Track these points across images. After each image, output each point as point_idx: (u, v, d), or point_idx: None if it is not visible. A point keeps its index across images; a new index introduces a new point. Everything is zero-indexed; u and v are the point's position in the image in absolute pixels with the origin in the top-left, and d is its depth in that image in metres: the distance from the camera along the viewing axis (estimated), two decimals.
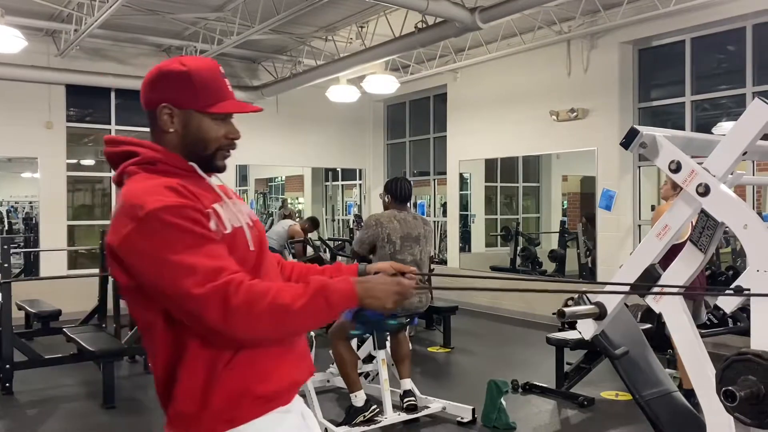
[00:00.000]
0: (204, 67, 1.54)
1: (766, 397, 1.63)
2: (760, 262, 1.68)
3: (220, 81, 1.54)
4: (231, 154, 1.59)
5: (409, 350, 4.57)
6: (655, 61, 7.79)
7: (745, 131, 1.81)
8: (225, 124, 1.55)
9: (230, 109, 1.54)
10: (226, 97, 1.53)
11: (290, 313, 1.37)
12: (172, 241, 1.34)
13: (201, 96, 1.50)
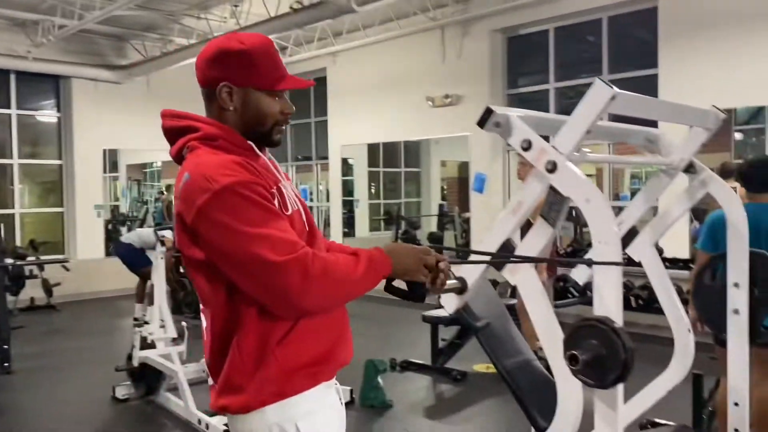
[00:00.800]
0: (261, 43, 1.57)
1: (606, 359, 1.73)
2: (600, 234, 1.79)
3: (276, 58, 1.59)
4: (285, 129, 1.64)
5: None
6: (522, 49, 8.15)
7: (588, 111, 1.91)
8: (280, 100, 1.59)
9: (290, 86, 1.58)
10: (284, 74, 1.58)
11: (355, 282, 1.47)
12: (248, 213, 1.39)
13: (261, 74, 1.55)
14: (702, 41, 6.24)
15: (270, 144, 1.62)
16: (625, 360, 1.70)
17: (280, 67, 1.58)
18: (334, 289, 1.45)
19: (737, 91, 6.05)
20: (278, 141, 1.63)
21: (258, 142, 1.58)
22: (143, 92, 9.73)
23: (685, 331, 2.67)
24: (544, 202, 2.00)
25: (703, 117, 2.50)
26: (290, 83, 1.59)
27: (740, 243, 2.58)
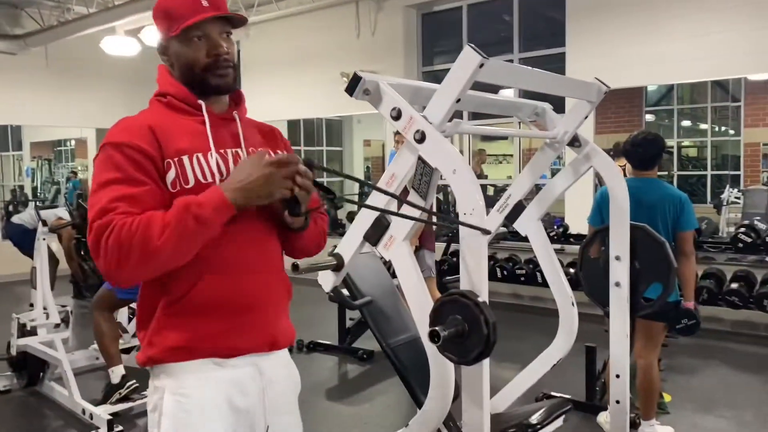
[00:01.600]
0: None
1: (470, 334, 1.68)
2: (465, 205, 1.73)
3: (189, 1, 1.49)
4: (226, 71, 1.54)
5: None
6: (436, 26, 8.11)
7: (456, 79, 1.85)
8: (203, 42, 1.51)
9: (190, 22, 1.47)
10: (191, 14, 1.48)
11: (156, 247, 1.32)
12: (102, 171, 1.40)
13: (171, 21, 1.50)
14: (609, 20, 6.35)
15: (214, 91, 1.54)
16: (487, 335, 1.65)
17: (196, 6, 1.49)
18: (131, 259, 1.32)
19: (644, 69, 6.20)
20: (219, 83, 1.54)
21: (203, 93, 1.53)
22: (41, 64, 9.13)
23: (569, 304, 2.69)
24: (414, 173, 1.93)
25: (586, 89, 2.49)
26: (192, 19, 1.48)
27: (621, 217, 2.61)
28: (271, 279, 1.60)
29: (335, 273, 2.14)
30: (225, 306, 1.49)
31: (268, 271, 1.59)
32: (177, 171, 1.44)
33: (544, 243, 2.74)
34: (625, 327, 2.65)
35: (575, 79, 2.44)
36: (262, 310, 1.57)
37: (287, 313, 1.70)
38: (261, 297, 1.56)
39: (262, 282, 1.56)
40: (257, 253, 1.56)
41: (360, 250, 2.15)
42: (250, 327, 1.53)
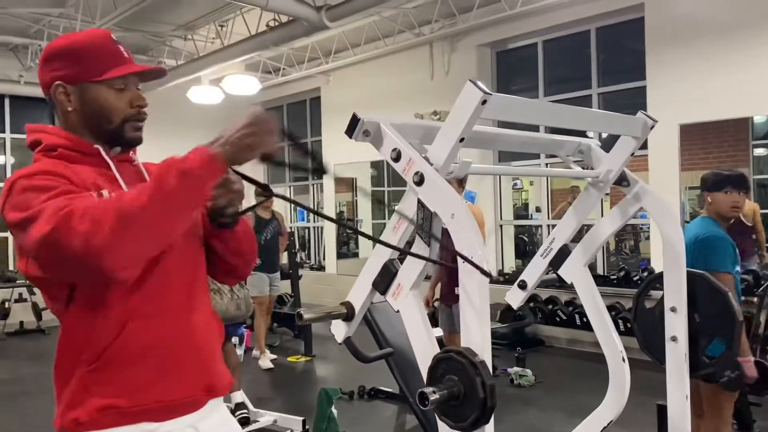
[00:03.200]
0: (92, 35, 1.49)
1: (466, 398, 1.52)
2: (464, 252, 1.58)
3: (111, 47, 1.47)
4: (142, 125, 1.50)
5: (237, 362, 4.34)
6: (511, 63, 7.96)
7: (459, 117, 1.72)
8: (127, 92, 1.47)
9: (123, 72, 1.44)
10: (121, 62, 1.45)
11: (139, 209, 1.19)
12: (27, 200, 1.26)
13: (92, 65, 1.43)
14: (694, 48, 5.97)
15: (127, 143, 1.50)
16: (484, 399, 1.49)
17: (116, 55, 1.46)
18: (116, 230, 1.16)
19: (742, 99, 5.74)
20: (134, 138, 1.50)
21: (112, 142, 1.48)
22: None
23: (619, 360, 2.43)
24: (416, 218, 1.81)
25: (628, 124, 2.28)
26: (126, 70, 1.44)
27: (676, 263, 2.34)
28: (200, 319, 1.51)
29: (347, 323, 2.04)
30: (152, 354, 1.40)
31: (195, 311, 1.50)
32: None
33: (592, 292, 2.50)
34: (683, 387, 2.35)
35: (613, 114, 2.23)
36: (194, 353, 1.47)
37: (221, 355, 1.61)
38: (191, 340, 1.47)
39: (190, 323, 1.47)
40: (183, 292, 1.47)
41: (371, 299, 2.04)
42: (182, 373, 1.43)
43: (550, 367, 5.93)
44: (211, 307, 1.60)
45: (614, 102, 6.89)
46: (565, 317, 6.21)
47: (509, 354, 5.87)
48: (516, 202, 12.24)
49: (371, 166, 10.46)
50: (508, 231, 8.07)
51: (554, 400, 5.04)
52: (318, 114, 10.19)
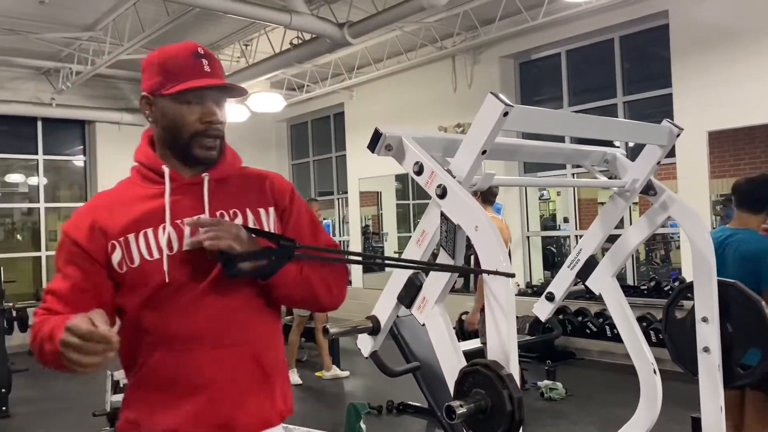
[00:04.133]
0: (179, 47, 1.48)
1: (494, 411, 1.51)
2: (488, 265, 1.58)
3: (189, 60, 1.45)
4: (214, 142, 1.48)
5: None
6: (535, 74, 7.94)
7: (481, 129, 1.72)
8: (198, 107, 1.44)
9: (191, 85, 1.42)
10: (191, 77, 1.43)
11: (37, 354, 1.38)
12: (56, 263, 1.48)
13: (169, 77, 1.44)
14: (721, 54, 5.89)
15: (194, 160, 1.49)
16: (511, 413, 1.47)
17: (190, 69, 1.44)
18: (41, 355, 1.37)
19: (757, 106, 5.66)
20: (202, 156, 1.48)
21: (185, 160, 1.49)
22: None
23: (650, 372, 2.38)
24: (440, 231, 1.80)
25: (652, 132, 2.26)
26: (194, 83, 1.43)
27: (706, 272, 2.30)
28: (230, 353, 1.47)
29: (373, 337, 2.04)
30: (173, 385, 1.43)
31: (227, 345, 1.47)
32: (123, 251, 1.42)
33: (620, 303, 2.47)
34: (717, 399, 2.30)
35: (637, 123, 2.21)
36: (215, 389, 1.45)
37: (262, 392, 1.53)
38: (213, 375, 1.45)
39: (216, 357, 1.45)
40: (214, 324, 1.46)
41: (396, 313, 2.04)
42: (198, 409, 1.43)
43: (581, 380, 5.84)
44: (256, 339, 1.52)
45: (640, 110, 6.82)
46: (596, 329, 6.12)
47: (539, 367, 5.80)
48: (543, 213, 12.15)
49: (396, 179, 10.48)
50: (535, 242, 8.01)
51: (585, 413, 4.97)
52: (342, 129, 10.27)
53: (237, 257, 1.38)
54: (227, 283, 1.44)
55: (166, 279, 1.42)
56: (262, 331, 1.54)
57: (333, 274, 1.63)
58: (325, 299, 1.62)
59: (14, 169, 9.95)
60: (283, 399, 1.59)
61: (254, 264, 1.41)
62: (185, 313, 1.43)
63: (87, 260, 1.42)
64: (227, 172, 1.55)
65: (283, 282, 1.50)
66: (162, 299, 1.44)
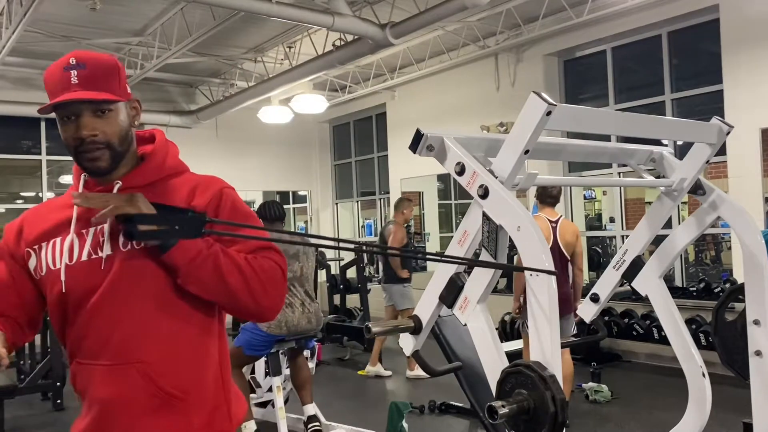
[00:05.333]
0: (55, 63, 1.41)
1: (536, 412, 1.51)
2: (531, 265, 1.57)
3: (58, 75, 1.38)
4: (94, 154, 1.40)
5: (309, 375, 4.40)
6: (579, 72, 7.81)
7: (523, 128, 1.71)
8: (72, 123, 1.39)
9: (41, 108, 1.41)
10: (58, 92, 1.37)
11: None
12: None
13: (49, 96, 1.40)
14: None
15: (87, 171, 1.45)
16: (554, 414, 1.47)
17: (64, 84, 1.37)
18: None
19: None
20: (90, 168, 1.42)
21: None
22: (211, 135, 10.10)
23: (699, 375, 2.34)
24: (481, 231, 1.80)
25: (701, 131, 2.21)
26: (49, 103, 1.38)
27: (758, 273, 2.24)
28: (122, 372, 1.38)
29: (415, 336, 2.05)
30: (83, 395, 1.47)
31: (118, 363, 1.39)
32: (36, 259, 1.46)
33: (668, 304, 2.42)
34: None
35: (685, 121, 2.17)
36: (108, 408, 1.41)
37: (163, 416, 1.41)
38: (106, 393, 1.40)
39: (109, 375, 1.39)
40: (106, 340, 1.39)
41: (438, 312, 2.04)
42: (95, 425, 1.43)
43: (627, 383, 5.73)
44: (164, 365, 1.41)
45: (689, 107, 6.65)
46: (642, 331, 5.99)
47: (584, 369, 5.71)
48: (588, 213, 11.94)
49: (438, 179, 10.45)
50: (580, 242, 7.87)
51: (631, 416, 4.87)
52: (384, 129, 10.30)
53: (137, 218, 1.30)
54: (125, 297, 1.38)
55: (63, 289, 1.41)
56: (167, 349, 1.41)
57: (262, 279, 1.41)
58: (248, 304, 1.41)
59: (67, 170, 10.30)
60: (207, 423, 1.46)
61: (157, 227, 1.31)
62: (82, 327, 1.41)
63: (11, 260, 1.48)
64: (149, 179, 1.47)
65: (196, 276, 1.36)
66: (64, 311, 1.44)
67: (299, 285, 4.06)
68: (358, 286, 7.73)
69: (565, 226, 4.68)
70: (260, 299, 1.41)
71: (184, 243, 1.34)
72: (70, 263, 1.41)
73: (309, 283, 4.16)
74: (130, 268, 1.39)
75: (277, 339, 3.97)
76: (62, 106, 1.37)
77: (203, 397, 1.46)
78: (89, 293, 1.39)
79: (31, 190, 9.83)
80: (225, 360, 1.54)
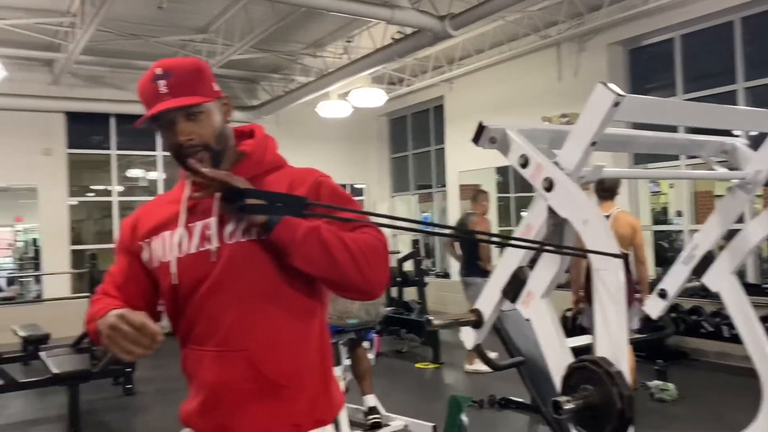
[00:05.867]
0: (144, 76, 1.47)
1: (602, 408, 1.48)
2: (600, 260, 1.54)
3: (148, 87, 1.44)
4: (198, 156, 1.45)
5: (369, 365, 4.44)
6: (645, 60, 7.57)
7: (590, 121, 1.67)
8: (169, 131, 1.45)
9: (138, 123, 1.47)
10: (151, 104, 1.43)
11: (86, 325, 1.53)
12: None
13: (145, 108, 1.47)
14: None
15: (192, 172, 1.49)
16: (621, 410, 1.44)
17: (154, 95, 1.43)
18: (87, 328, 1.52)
19: None
20: (190, 168, 1.46)
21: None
22: (273, 129, 10.22)
23: None
24: (546, 224, 1.78)
25: None
26: (146, 116, 1.44)
27: None
28: (229, 358, 1.45)
29: (476, 330, 2.04)
30: (192, 379, 1.53)
31: (225, 350, 1.46)
32: (148, 252, 1.53)
33: (741, 301, 2.33)
34: None
35: (760, 110, 2.07)
36: (213, 392, 1.48)
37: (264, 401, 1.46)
38: (213, 378, 1.47)
39: (216, 361, 1.46)
40: (213, 328, 1.46)
41: (500, 307, 2.03)
42: (201, 407, 1.49)
43: (695, 382, 5.55)
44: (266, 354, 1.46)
45: (764, 96, 6.35)
46: (712, 329, 5.78)
47: (649, 367, 5.56)
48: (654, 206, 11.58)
49: (497, 172, 10.34)
50: (646, 237, 7.66)
51: (699, 416, 4.72)
52: (441, 122, 10.25)
53: (247, 192, 1.34)
54: (231, 288, 1.44)
55: (174, 280, 1.48)
56: (270, 338, 1.46)
57: (365, 252, 1.42)
58: (356, 279, 1.41)
59: (135, 164, 10.69)
60: (308, 409, 1.51)
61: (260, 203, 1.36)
62: (192, 316, 1.49)
63: (128, 254, 1.57)
64: (249, 174, 1.49)
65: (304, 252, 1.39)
66: (175, 300, 1.51)
67: None
68: (416, 279, 7.74)
69: (619, 219, 4.56)
70: (367, 273, 1.42)
71: (288, 219, 1.38)
72: (180, 255, 1.48)
73: None
74: (235, 260, 1.44)
75: (337, 330, 4.02)
76: (156, 118, 1.43)
77: (304, 385, 1.50)
78: (198, 284, 1.46)
79: (101, 183, 10.24)
80: (326, 348, 1.59)
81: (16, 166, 8.74)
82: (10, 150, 8.65)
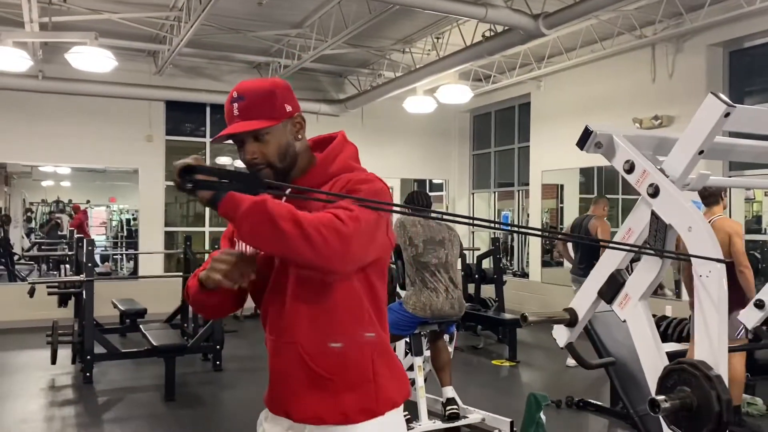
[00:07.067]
0: (228, 97, 1.61)
1: (700, 410, 1.53)
2: (702, 266, 1.58)
3: (227, 107, 1.60)
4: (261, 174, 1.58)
5: (449, 358, 4.53)
6: (748, 63, 7.26)
7: (699, 129, 1.70)
8: (241, 149, 1.61)
9: (215, 140, 1.69)
10: (227, 123, 1.60)
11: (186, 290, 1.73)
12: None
13: None
14: None
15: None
16: (719, 413, 1.48)
17: (229, 116, 1.59)
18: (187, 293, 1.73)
19: None
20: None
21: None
22: (357, 124, 10.48)
23: None
24: (649, 230, 1.82)
25: None
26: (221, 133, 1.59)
27: None
28: (286, 349, 1.62)
29: (569, 329, 2.10)
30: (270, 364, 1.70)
31: (282, 342, 1.64)
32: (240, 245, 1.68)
33: None
34: None
35: None
36: (277, 379, 1.67)
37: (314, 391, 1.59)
38: (276, 366, 1.67)
39: (278, 350, 1.65)
40: (273, 320, 1.66)
41: (595, 307, 2.08)
42: (271, 392, 1.70)
43: None
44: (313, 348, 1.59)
45: None
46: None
47: None
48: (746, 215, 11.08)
49: (580, 173, 10.16)
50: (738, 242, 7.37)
51: None
52: (527, 120, 10.15)
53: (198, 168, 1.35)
54: (281, 284, 1.60)
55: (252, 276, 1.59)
56: (313, 332, 1.58)
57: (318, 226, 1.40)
58: (306, 252, 1.38)
59: (224, 152, 11.15)
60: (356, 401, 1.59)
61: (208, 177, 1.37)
62: (264, 305, 1.67)
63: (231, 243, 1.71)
64: (317, 181, 1.62)
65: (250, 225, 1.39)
66: (257, 291, 1.68)
67: (444, 271, 4.20)
68: (494, 276, 7.76)
69: (715, 226, 4.44)
70: (320, 247, 1.37)
71: (234, 194, 1.38)
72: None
73: (453, 270, 4.29)
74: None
75: (421, 321, 4.14)
76: (230, 136, 1.60)
77: (350, 378, 1.59)
78: (265, 279, 1.63)
79: None
80: (378, 342, 1.64)
81: (118, 150, 9.31)
82: (115, 135, 9.23)
